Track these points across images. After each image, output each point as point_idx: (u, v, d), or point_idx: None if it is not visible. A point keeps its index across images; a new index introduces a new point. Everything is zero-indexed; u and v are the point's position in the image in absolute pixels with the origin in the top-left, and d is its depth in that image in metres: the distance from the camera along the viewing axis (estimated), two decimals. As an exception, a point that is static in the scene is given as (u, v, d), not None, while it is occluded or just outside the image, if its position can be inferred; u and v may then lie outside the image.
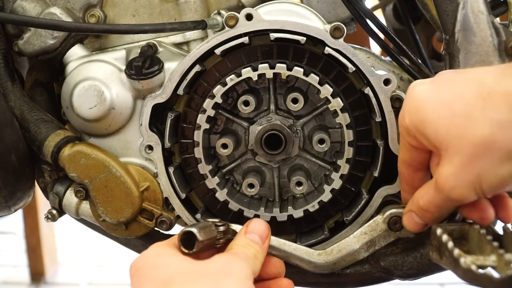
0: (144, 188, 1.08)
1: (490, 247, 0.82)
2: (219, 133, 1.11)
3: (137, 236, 1.11)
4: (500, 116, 0.77)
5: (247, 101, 1.06)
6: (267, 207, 1.08)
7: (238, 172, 1.13)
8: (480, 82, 0.80)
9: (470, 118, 0.79)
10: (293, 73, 1.03)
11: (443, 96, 0.82)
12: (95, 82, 1.05)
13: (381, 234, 1.00)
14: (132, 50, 1.11)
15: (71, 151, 1.05)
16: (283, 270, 0.95)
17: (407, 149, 0.90)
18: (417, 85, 0.86)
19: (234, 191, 1.12)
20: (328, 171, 1.09)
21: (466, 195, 0.82)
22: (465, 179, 0.81)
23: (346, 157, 1.04)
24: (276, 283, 0.93)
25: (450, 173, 0.82)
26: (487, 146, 0.78)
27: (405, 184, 0.95)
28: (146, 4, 1.13)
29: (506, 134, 0.77)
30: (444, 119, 0.81)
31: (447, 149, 0.82)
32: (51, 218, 1.13)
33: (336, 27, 1.02)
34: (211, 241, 0.94)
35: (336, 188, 1.05)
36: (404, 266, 1.05)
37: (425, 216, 0.90)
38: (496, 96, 0.78)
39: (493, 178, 0.79)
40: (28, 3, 1.09)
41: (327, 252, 0.99)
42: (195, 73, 1.05)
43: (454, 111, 0.80)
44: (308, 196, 1.10)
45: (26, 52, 1.10)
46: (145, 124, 1.07)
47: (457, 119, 0.80)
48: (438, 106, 0.82)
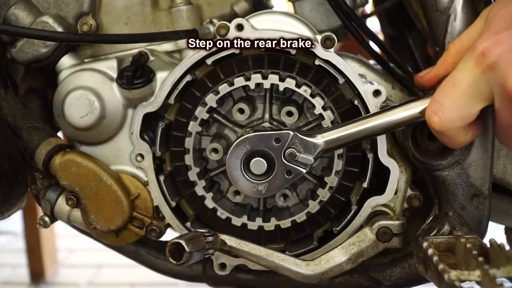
0: (135, 197, 1.09)
1: (475, 261, 0.82)
2: (211, 136, 1.12)
3: (127, 243, 1.12)
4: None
5: (242, 108, 1.07)
6: (250, 216, 1.09)
7: (226, 177, 1.12)
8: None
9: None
10: (286, 84, 1.03)
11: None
12: (86, 91, 1.06)
13: (369, 245, 1.00)
14: (125, 58, 1.12)
15: (62, 160, 1.06)
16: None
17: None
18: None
19: (219, 196, 1.12)
20: (315, 186, 1.10)
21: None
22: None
23: (335, 170, 1.04)
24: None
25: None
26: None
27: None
28: (139, 12, 1.14)
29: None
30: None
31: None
32: (43, 224, 1.14)
33: (327, 37, 1.02)
34: (200, 251, 0.95)
35: (324, 200, 1.05)
36: (393, 276, 1.06)
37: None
38: None
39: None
40: (21, 11, 1.10)
41: (315, 263, 1.00)
42: (186, 82, 1.06)
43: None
44: (293, 208, 1.10)
45: (18, 60, 1.11)
46: (136, 133, 1.07)
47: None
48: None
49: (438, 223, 0.98)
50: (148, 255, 1.23)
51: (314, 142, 0.96)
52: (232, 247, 1.00)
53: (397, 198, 1.05)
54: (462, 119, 0.86)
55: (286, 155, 0.97)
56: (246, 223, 1.07)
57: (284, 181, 0.98)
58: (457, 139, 0.89)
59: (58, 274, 2.87)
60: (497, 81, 0.82)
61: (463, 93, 0.85)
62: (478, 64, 0.83)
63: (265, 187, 0.98)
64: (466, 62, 0.85)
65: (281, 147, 0.97)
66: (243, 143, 0.97)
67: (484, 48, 0.83)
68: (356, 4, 1.20)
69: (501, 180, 1.09)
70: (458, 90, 0.85)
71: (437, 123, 0.87)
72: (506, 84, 0.81)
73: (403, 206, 1.06)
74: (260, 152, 0.97)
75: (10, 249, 3.12)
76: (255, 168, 0.97)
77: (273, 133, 0.97)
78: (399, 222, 1.01)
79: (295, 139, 0.96)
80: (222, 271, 1.10)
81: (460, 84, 0.85)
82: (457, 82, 0.85)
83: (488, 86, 0.84)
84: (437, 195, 1.01)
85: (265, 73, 1.04)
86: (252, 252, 1.00)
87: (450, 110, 0.86)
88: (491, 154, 0.98)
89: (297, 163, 0.97)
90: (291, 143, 0.97)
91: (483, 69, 0.83)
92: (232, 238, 1.00)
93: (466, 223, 0.99)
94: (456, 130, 0.87)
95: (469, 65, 0.84)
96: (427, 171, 1.00)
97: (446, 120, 0.86)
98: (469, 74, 0.85)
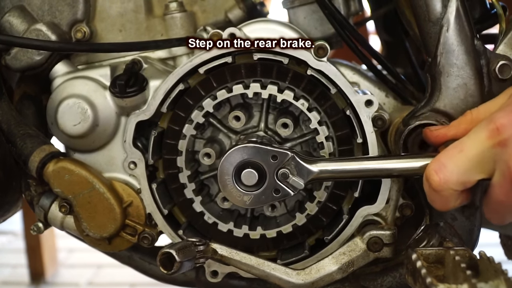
0: (127, 204, 1.09)
1: (463, 274, 0.82)
2: (205, 139, 1.12)
3: (120, 250, 1.12)
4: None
5: (238, 116, 1.07)
6: (237, 222, 1.09)
7: (216, 182, 1.10)
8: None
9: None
10: (284, 96, 1.03)
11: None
12: (79, 100, 1.06)
13: (360, 254, 1.00)
14: (118, 65, 1.12)
15: (55, 167, 1.06)
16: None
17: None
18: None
19: (208, 199, 1.12)
20: (303, 198, 1.10)
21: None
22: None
23: (325, 185, 1.04)
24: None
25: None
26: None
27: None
28: (133, 20, 1.14)
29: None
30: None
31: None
32: (37, 230, 1.15)
33: (319, 46, 1.02)
34: (191, 260, 0.96)
35: (311, 214, 1.06)
36: (384, 285, 1.06)
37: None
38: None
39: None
40: (16, 19, 1.10)
41: (305, 272, 1.00)
42: (179, 91, 1.06)
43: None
44: (281, 218, 1.11)
45: (13, 67, 1.11)
46: (129, 141, 1.08)
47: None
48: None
49: (429, 233, 0.98)
50: (141, 260, 1.23)
51: (309, 169, 0.96)
52: (223, 256, 1.00)
53: (389, 207, 1.05)
54: (460, 184, 0.87)
55: (279, 174, 0.97)
56: (232, 229, 1.08)
57: (270, 198, 0.98)
58: (447, 202, 0.90)
59: (58, 274, 2.88)
60: (504, 158, 0.83)
61: (468, 161, 0.86)
62: (490, 137, 0.84)
63: (250, 199, 0.98)
64: (479, 132, 0.86)
65: (276, 165, 0.97)
66: (241, 151, 0.98)
67: (501, 124, 0.84)
68: (350, 12, 1.19)
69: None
70: (464, 157, 0.86)
71: (436, 181, 0.88)
72: (510, 162, 0.82)
73: (394, 215, 1.06)
74: (255, 164, 0.97)
75: (10, 249, 3.14)
76: (245, 178, 0.97)
77: (273, 149, 0.97)
78: (390, 232, 1.01)
79: (291, 160, 0.97)
80: (214, 279, 1.10)
81: (467, 151, 0.86)
82: (465, 149, 0.86)
83: (493, 160, 0.85)
84: (428, 206, 1.00)
85: (264, 82, 1.05)
86: (243, 261, 1.00)
87: (451, 172, 0.87)
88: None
89: (287, 184, 0.97)
90: (287, 163, 0.97)
91: (494, 143, 0.84)
92: (223, 247, 1.00)
93: (457, 234, 0.99)
94: (451, 193, 0.88)
95: (481, 136, 0.85)
96: (417, 181, 1.00)
97: (446, 181, 0.87)
98: (479, 144, 0.85)
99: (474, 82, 0.97)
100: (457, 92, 0.97)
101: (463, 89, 0.97)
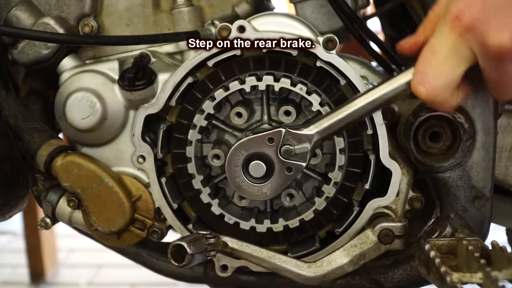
0: (136, 198, 1.08)
1: (477, 264, 0.82)
2: (212, 142, 1.12)
3: (129, 245, 1.12)
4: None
5: (240, 112, 1.07)
6: (258, 219, 1.08)
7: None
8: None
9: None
10: (281, 84, 1.03)
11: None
12: (87, 93, 1.06)
13: (371, 247, 1.00)
14: (126, 59, 1.12)
15: (64, 161, 1.06)
16: None
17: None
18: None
19: (225, 201, 1.12)
20: (319, 183, 1.09)
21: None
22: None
23: (338, 165, 1.04)
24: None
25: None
26: None
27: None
28: (140, 14, 1.14)
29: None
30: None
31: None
32: (44, 226, 1.14)
33: (328, 39, 1.02)
34: (201, 253, 0.95)
35: (330, 196, 1.05)
36: (394, 278, 1.06)
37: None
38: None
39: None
40: (23, 13, 1.10)
41: (316, 265, 1.00)
42: (187, 84, 1.06)
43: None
44: (301, 207, 1.10)
45: (20, 61, 1.11)
46: (138, 135, 1.07)
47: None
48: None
49: (440, 225, 0.98)
50: (149, 256, 1.23)
51: (307, 135, 0.96)
52: (233, 249, 1.00)
53: (399, 200, 1.05)
54: (448, 84, 0.86)
55: (282, 152, 0.97)
56: (255, 226, 1.07)
57: (286, 179, 0.97)
58: (448, 104, 0.89)
59: (58, 274, 2.87)
60: (477, 41, 0.82)
61: (444, 59, 0.85)
62: (454, 28, 0.83)
63: (270, 188, 0.98)
64: (442, 27, 0.85)
65: (275, 146, 0.97)
66: (237, 150, 0.98)
67: (458, 10, 0.83)
68: (357, 5, 1.19)
69: (502, 182, 1.09)
70: (439, 57, 0.85)
71: (424, 92, 0.86)
72: (485, 42, 0.81)
73: (404, 208, 1.06)
74: (257, 155, 0.97)
75: (10, 249, 3.12)
76: (255, 171, 0.97)
77: (265, 134, 0.97)
78: (401, 224, 1.01)
79: (287, 135, 0.96)
80: (224, 273, 1.10)
81: (440, 51, 0.85)
82: (437, 49, 0.85)
83: (468, 48, 0.83)
84: (439, 197, 1.01)
85: (260, 74, 1.04)
86: (254, 254, 1.00)
87: (434, 77, 0.85)
88: (492, 156, 0.98)
89: (294, 158, 0.97)
90: (285, 140, 0.97)
91: (460, 32, 0.83)
92: (234, 240, 1.00)
93: (468, 225, 0.99)
94: (445, 96, 0.87)
95: (446, 30, 0.84)
96: (428, 173, 1.00)
97: (433, 88, 0.86)
98: (446, 39, 0.84)
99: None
100: (467, 84, 0.97)
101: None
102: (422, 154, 1.00)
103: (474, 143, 0.97)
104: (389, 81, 0.93)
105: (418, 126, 0.99)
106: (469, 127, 0.97)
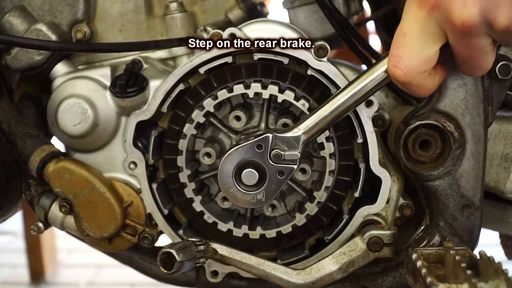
0: (128, 204, 1.09)
1: (464, 274, 0.82)
2: (205, 139, 1.12)
3: (120, 250, 1.12)
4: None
5: (239, 116, 1.07)
6: (236, 222, 1.09)
7: (216, 181, 1.10)
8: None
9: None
10: (285, 96, 1.03)
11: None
12: (79, 100, 1.07)
13: (360, 254, 1.00)
14: (118, 65, 1.12)
15: (56, 167, 1.07)
16: None
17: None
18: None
19: (208, 199, 1.12)
20: (303, 198, 1.10)
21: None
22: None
23: (325, 185, 1.05)
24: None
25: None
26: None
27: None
28: (133, 20, 1.14)
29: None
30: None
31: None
32: (37, 230, 1.15)
33: (320, 46, 1.02)
34: (191, 260, 0.96)
35: (311, 214, 1.06)
36: (384, 285, 1.06)
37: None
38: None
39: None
40: (16, 19, 1.10)
41: (305, 272, 1.00)
42: (179, 91, 1.06)
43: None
44: (280, 218, 1.11)
45: (13, 67, 1.11)
46: (129, 141, 1.08)
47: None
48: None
49: (429, 233, 0.98)
50: (142, 261, 1.23)
51: (294, 137, 0.97)
52: (223, 256, 1.00)
53: (389, 207, 1.05)
54: (424, 64, 0.86)
55: (272, 157, 0.97)
56: (232, 229, 1.08)
57: (279, 183, 0.98)
58: (425, 86, 0.89)
59: (58, 274, 2.88)
60: (443, 18, 0.82)
61: (416, 40, 0.85)
62: (421, 7, 0.83)
63: (264, 194, 0.98)
64: (409, 8, 0.85)
65: (265, 152, 0.97)
66: (227, 161, 0.98)
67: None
68: (350, 12, 1.19)
69: (494, 189, 1.09)
70: (410, 38, 0.85)
71: (401, 75, 0.86)
72: (451, 19, 0.81)
73: (395, 215, 1.06)
74: (248, 163, 0.97)
75: (10, 249, 3.13)
76: (247, 180, 0.97)
77: (253, 141, 0.98)
78: (390, 232, 1.01)
79: (275, 139, 0.97)
80: (214, 279, 1.10)
81: (410, 32, 0.85)
82: (408, 31, 0.85)
83: (437, 25, 0.84)
84: (428, 205, 1.01)
85: (265, 82, 1.05)
86: (243, 261, 1.00)
87: (409, 59, 0.86)
88: (482, 165, 0.98)
89: (285, 162, 0.97)
90: (273, 144, 0.97)
91: (428, 11, 0.83)
92: (224, 247, 1.00)
93: (457, 234, 0.99)
94: (421, 77, 0.87)
95: (413, 10, 0.84)
96: (418, 181, 1.00)
97: (408, 70, 0.86)
98: (415, 20, 0.84)
99: (474, 82, 0.97)
100: (457, 92, 0.97)
101: (463, 89, 0.97)
102: (412, 162, 1.00)
103: (464, 152, 0.97)
104: (368, 72, 0.94)
105: (408, 134, 0.99)
106: (459, 136, 0.97)
